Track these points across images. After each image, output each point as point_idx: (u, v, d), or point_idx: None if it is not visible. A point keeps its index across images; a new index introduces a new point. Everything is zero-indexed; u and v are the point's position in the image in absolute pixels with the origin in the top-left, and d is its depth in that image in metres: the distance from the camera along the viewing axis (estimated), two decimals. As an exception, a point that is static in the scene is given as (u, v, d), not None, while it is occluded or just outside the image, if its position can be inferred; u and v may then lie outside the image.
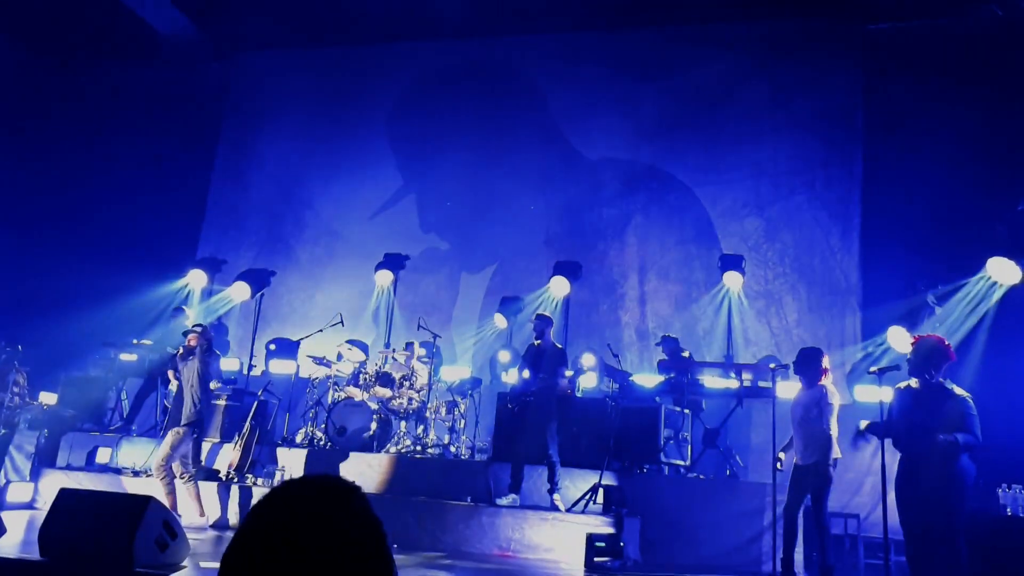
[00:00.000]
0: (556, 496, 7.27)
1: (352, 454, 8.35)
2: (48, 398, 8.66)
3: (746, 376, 8.34)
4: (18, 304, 9.78)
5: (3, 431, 8.04)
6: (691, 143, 11.12)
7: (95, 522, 5.24)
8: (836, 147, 10.55)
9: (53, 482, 7.91)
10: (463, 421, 9.14)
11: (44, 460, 8.35)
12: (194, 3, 11.57)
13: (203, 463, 8.30)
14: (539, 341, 7.77)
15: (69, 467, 8.26)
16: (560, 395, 7.69)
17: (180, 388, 7.57)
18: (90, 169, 11.28)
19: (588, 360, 9.16)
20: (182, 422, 7.37)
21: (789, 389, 7.04)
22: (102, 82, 12.21)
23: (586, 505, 7.13)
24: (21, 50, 12.21)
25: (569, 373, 8.17)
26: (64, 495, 5.41)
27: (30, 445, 8.22)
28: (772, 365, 6.99)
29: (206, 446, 8.52)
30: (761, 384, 8.10)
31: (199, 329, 7.82)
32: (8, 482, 7.79)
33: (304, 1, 11.54)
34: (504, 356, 10.24)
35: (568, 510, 7.12)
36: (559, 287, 10.23)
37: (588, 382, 9.07)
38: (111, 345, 9.69)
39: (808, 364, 6.25)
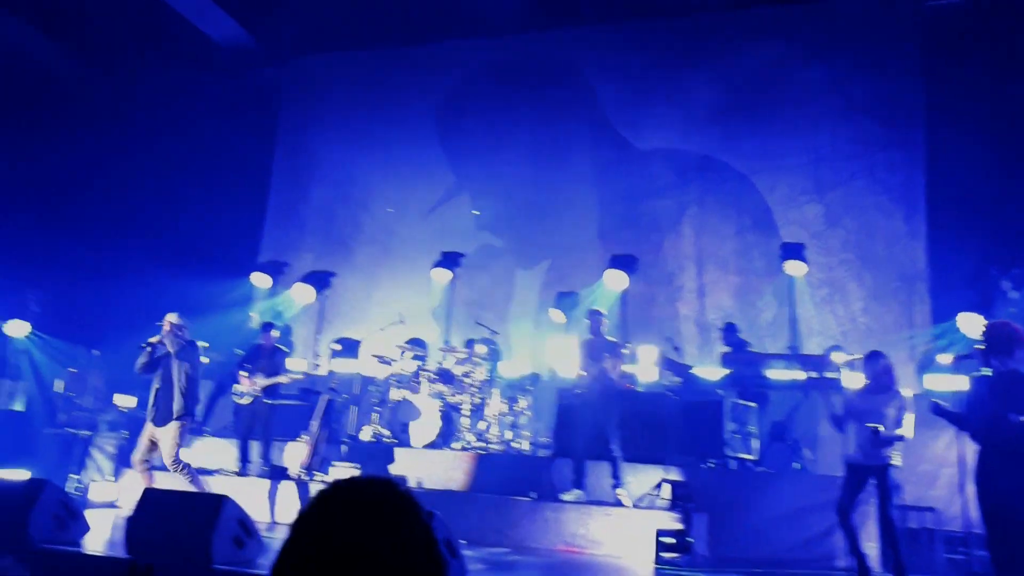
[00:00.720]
0: (620, 491, 7.25)
1: (416, 451, 8.47)
2: (125, 400, 8.99)
3: (812, 367, 8.19)
4: (93, 310, 10.16)
5: (85, 433, 8.38)
6: (745, 130, 10.93)
7: (176, 520, 5.44)
8: (897, 129, 10.26)
9: (134, 481, 8.23)
10: (524, 417, 9.19)
11: (124, 460, 8.66)
12: (248, 11, 11.82)
13: (272, 461, 8.53)
14: (592, 335, 7.79)
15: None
16: (619, 389, 7.69)
17: (168, 380, 7.25)
18: (153, 177, 11.63)
19: (647, 353, 9.11)
20: (178, 415, 7.11)
21: (858, 380, 6.88)
22: (161, 91, 12.56)
23: (651, 500, 7.11)
24: (81, 61, 12.63)
25: (627, 368, 8.12)
26: (148, 495, 5.63)
27: (111, 446, 8.54)
28: (841, 355, 6.86)
29: (278, 444, 8.75)
30: (828, 375, 7.95)
31: (174, 317, 7.35)
32: (92, 482, 8.12)
33: (353, 4, 11.69)
34: (561, 351, 10.23)
35: (634, 505, 7.10)
36: (615, 280, 10.18)
37: (648, 376, 9.02)
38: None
39: (875, 365, 6.12)
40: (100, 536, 6.15)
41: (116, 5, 11.12)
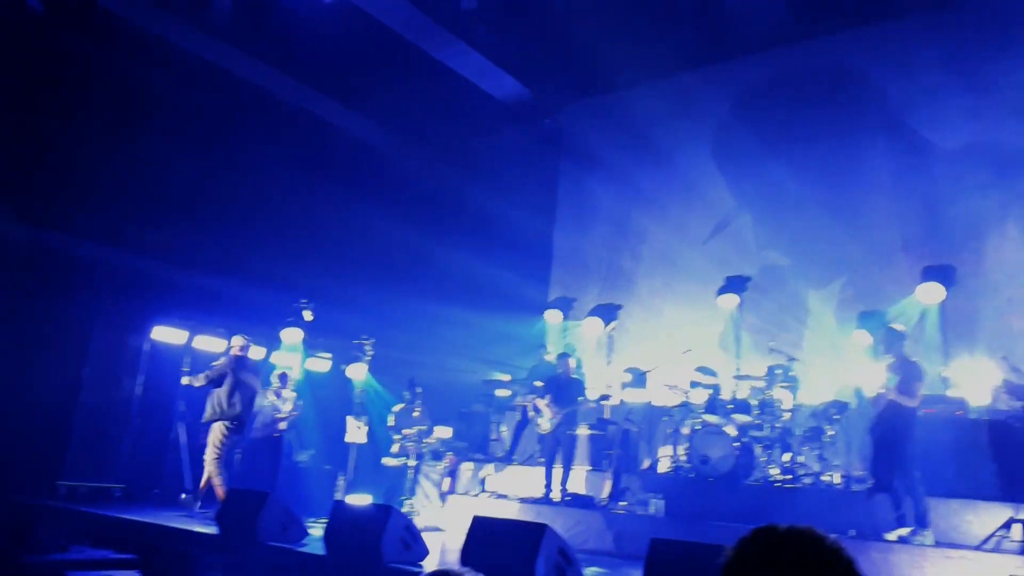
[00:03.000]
0: (912, 529, 6.69)
1: (717, 483, 8.31)
2: (443, 432, 9.93)
3: None
4: (411, 352, 11.41)
5: (413, 462, 9.38)
6: (1077, 109, 9.42)
7: (502, 546, 5.87)
8: None
9: (455, 507, 9.04)
10: (832, 448, 8.62)
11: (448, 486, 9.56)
12: (524, 67, 12.67)
13: (573, 489, 8.86)
14: (891, 357, 7.17)
15: (467, 493, 9.37)
16: (916, 415, 7.08)
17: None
18: (455, 231, 12.84)
19: (984, 374, 8.09)
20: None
21: None
22: (456, 153, 13.91)
23: (999, 542, 6.28)
24: (391, 135, 14.36)
25: (956, 392, 7.32)
26: (477, 522, 6.13)
27: (435, 474, 9.46)
28: None
29: (577, 473, 9.10)
30: None
31: (241, 338, 8.75)
32: (421, 507, 9.04)
33: (618, 45, 11.99)
34: (869, 376, 9.45)
35: (977, 548, 6.32)
36: (929, 294, 9.23)
37: (981, 400, 8.01)
38: (488, 383, 10.87)
39: None
40: (435, 559, 6.78)
41: (414, 81, 12.57)
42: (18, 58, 9.73)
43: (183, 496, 9.16)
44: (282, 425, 9.47)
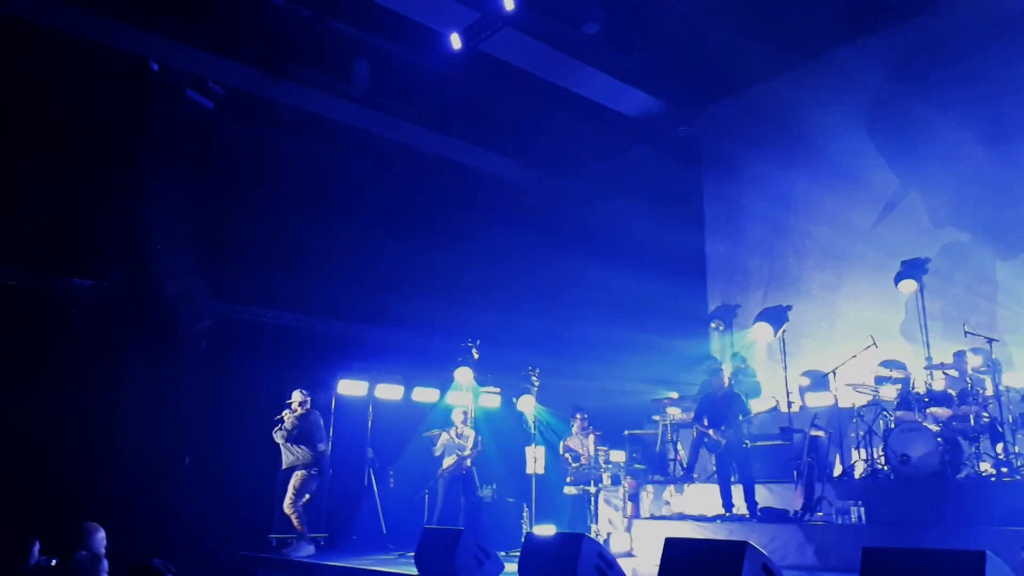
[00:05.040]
0: None
1: (921, 484, 7.70)
2: (618, 456, 9.86)
3: None
4: (576, 379, 11.48)
5: (593, 489, 9.37)
6: None
7: (701, 568, 5.72)
8: None
9: (642, 530, 8.92)
10: (1053, 434, 7.80)
11: (632, 511, 9.45)
12: (652, 79, 12.55)
13: (760, 502, 8.50)
14: None
15: (652, 516, 9.22)
16: None
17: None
18: (604, 252, 12.83)
19: None
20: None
21: None
22: (593, 177, 13.96)
23: None
24: (519, 168, 14.63)
25: None
26: (671, 544, 6.02)
27: (617, 499, 9.39)
28: None
29: (764, 486, 8.74)
30: None
31: (299, 394, 9.35)
32: (608, 533, 8.99)
33: (747, 41, 11.60)
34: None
35: None
36: None
37: None
38: (656, 402, 10.72)
39: None
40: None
41: (547, 113, 12.80)
42: (197, 150, 10.87)
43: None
44: (467, 463, 9.81)
